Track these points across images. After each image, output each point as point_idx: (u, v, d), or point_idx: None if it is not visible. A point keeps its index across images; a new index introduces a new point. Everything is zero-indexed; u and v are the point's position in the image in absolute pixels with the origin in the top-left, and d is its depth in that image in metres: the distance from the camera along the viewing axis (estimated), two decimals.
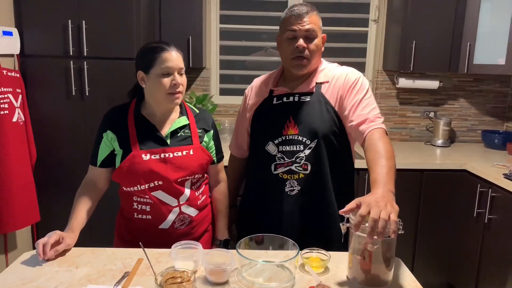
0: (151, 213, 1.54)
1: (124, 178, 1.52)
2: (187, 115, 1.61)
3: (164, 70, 1.46)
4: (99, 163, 1.55)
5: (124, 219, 1.62)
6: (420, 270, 2.74)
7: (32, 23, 2.49)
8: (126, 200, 1.58)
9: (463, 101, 3.34)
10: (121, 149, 1.51)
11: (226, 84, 3.29)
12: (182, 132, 1.57)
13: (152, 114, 1.55)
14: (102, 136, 1.53)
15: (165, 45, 1.50)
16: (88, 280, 1.25)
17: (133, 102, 1.58)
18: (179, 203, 1.55)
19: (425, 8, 2.85)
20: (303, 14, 1.52)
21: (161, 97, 1.49)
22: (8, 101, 2.31)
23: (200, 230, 1.63)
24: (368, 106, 1.53)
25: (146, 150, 1.50)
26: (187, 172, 1.53)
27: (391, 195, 1.22)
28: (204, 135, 1.62)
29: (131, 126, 1.52)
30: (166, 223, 1.54)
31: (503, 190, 2.35)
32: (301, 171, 1.56)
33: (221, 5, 3.18)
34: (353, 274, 1.25)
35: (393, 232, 1.09)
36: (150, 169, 1.48)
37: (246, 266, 1.27)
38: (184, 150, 1.54)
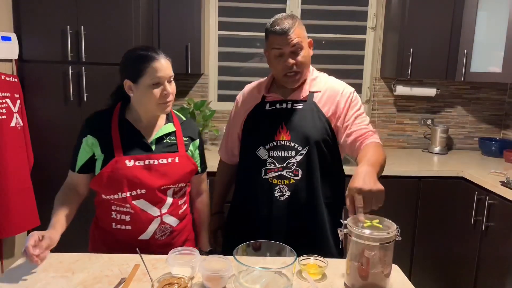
0: (131, 223, 1.48)
1: (104, 185, 1.46)
2: (173, 122, 1.57)
3: (154, 81, 1.41)
4: (78, 168, 1.50)
5: (100, 230, 1.56)
6: (417, 277, 2.73)
7: (31, 28, 2.49)
8: (103, 209, 1.52)
9: (460, 109, 3.36)
10: (102, 154, 1.46)
11: (224, 91, 3.30)
12: (168, 139, 1.53)
13: (138, 120, 1.51)
14: (82, 141, 1.48)
15: (154, 53, 1.43)
16: (84, 286, 1.24)
17: (117, 107, 1.53)
18: (161, 213, 1.50)
19: (422, 16, 2.87)
20: (286, 31, 1.52)
21: (151, 106, 1.46)
22: (6, 106, 2.31)
23: (180, 240, 1.60)
24: (364, 121, 1.60)
25: (130, 156, 1.45)
26: (172, 180, 1.50)
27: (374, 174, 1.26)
28: (190, 144, 1.59)
29: (114, 131, 1.48)
30: (147, 234, 1.49)
31: (500, 197, 2.35)
32: (292, 177, 1.57)
33: (220, 12, 3.19)
34: (350, 281, 1.24)
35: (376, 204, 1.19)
36: (134, 176, 1.44)
37: (244, 273, 1.26)
38: (169, 158, 1.50)
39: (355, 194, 1.19)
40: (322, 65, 3.05)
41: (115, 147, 1.45)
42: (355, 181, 1.20)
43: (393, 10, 3.08)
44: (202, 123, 3.03)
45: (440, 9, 2.87)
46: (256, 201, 1.62)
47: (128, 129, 1.49)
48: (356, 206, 1.19)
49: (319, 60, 3.11)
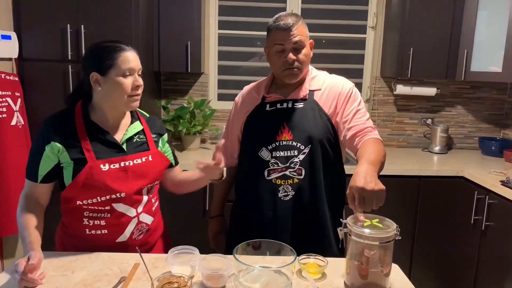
0: (106, 227, 1.43)
1: (81, 192, 1.38)
2: (139, 120, 1.53)
3: (126, 70, 1.36)
4: (40, 178, 1.39)
5: (70, 238, 1.48)
6: (417, 277, 2.73)
7: (31, 27, 2.49)
8: (73, 216, 1.44)
9: (460, 108, 3.36)
10: (72, 161, 1.37)
11: (224, 90, 3.29)
12: (137, 138, 1.48)
13: (104, 120, 1.44)
14: (44, 149, 1.37)
15: (123, 45, 1.39)
16: (84, 285, 1.24)
17: (77, 108, 1.44)
18: (137, 213, 1.46)
19: (422, 15, 2.87)
20: (289, 27, 1.53)
21: (120, 100, 1.39)
22: (6, 105, 2.31)
23: (155, 238, 1.59)
24: (364, 117, 1.58)
25: (104, 159, 1.38)
26: (149, 179, 1.46)
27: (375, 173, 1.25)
28: (159, 140, 1.56)
29: (81, 135, 1.38)
30: (125, 235, 1.45)
31: (500, 197, 2.35)
32: (295, 176, 1.57)
33: (220, 11, 3.19)
34: (350, 280, 1.24)
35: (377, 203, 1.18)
36: (111, 180, 1.38)
37: (243, 272, 1.26)
38: (143, 157, 1.46)
39: (356, 194, 1.18)
40: (322, 64, 3.06)
41: (85, 151, 1.37)
42: (356, 180, 1.19)
43: (393, 9, 3.08)
44: (202, 122, 3.03)
45: (440, 8, 2.87)
46: (260, 203, 1.61)
47: (96, 131, 1.42)
48: (357, 206, 1.18)
49: (319, 59, 3.11)
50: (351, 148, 1.56)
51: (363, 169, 1.24)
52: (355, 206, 1.19)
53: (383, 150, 1.45)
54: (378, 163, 1.34)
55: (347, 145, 1.60)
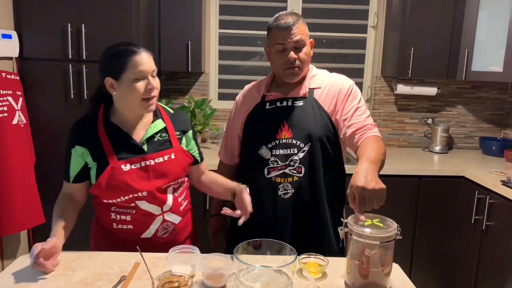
0: (132, 222, 1.47)
1: (104, 192, 1.42)
2: (162, 117, 1.52)
3: (137, 75, 1.36)
4: (72, 179, 1.47)
5: (102, 229, 1.54)
6: (417, 276, 2.73)
7: (31, 26, 2.49)
8: (103, 210, 1.50)
9: (461, 108, 3.35)
10: (95, 162, 1.41)
11: (224, 89, 3.29)
12: (159, 137, 1.48)
13: (124, 121, 1.45)
14: (71, 152, 1.44)
15: (134, 47, 1.39)
16: (85, 284, 1.24)
17: (100, 111, 1.47)
18: (163, 211, 1.48)
19: (423, 15, 2.87)
20: (290, 26, 1.53)
21: (135, 103, 1.39)
22: (7, 104, 2.31)
23: (182, 238, 1.59)
24: (364, 114, 1.58)
25: (125, 160, 1.41)
26: (171, 178, 1.47)
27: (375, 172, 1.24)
28: (183, 137, 1.55)
29: (103, 137, 1.42)
30: (149, 232, 1.48)
31: (500, 197, 2.35)
32: (295, 174, 1.57)
33: (221, 10, 3.19)
34: (351, 280, 1.24)
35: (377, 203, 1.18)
36: (133, 181, 1.40)
37: (244, 271, 1.26)
38: (165, 155, 1.46)
39: (356, 193, 1.17)
40: (323, 63, 3.06)
41: (107, 153, 1.40)
42: (357, 179, 1.18)
43: (394, 9, 3.08)
44: (203, 122, 3.03)
45: (441, 8, 2.86)
46: (260, 201, 1.61)
47: (116, 133, 1.44)
48: (357, 205, 1.18)
49: (320, 58, 3.11)
50: (351, 146, 1.56)
51: (363, 168, 1.23)
52: (356, 205, 1.18)
53: (383, 148, 1.44)
54: (379, 162, 1.34)
55: (347, 143, 1.59)
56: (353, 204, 1.19)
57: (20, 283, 1.24)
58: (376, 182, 1.18)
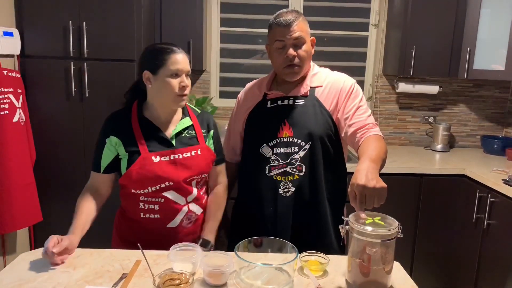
0: (159, 212, 1.53)
1: (134, 182, 1.49)
2: (189, 115, 1.62)
3: (174, 71, 1.46)
4: (103, 169, 1.54)
5: (127, 220, 1.60)
6: (418, 275, 2.73)
7: (33, 23, 2.49)
8: (130, 201, 1.56)
9: (463, 106, 3.35)
10: (127, 153, 1.50)
11: (226, 87, 3.29)
12: (186, 133, 1.58)
13: (156, 116, 1.55)
14: (105, 142, 1.51)
15: (174, 47, 1.50)
16: (86, 281, 1.24)
17: (134, 105, 1.57)
18: (187, 202, 1.56)
19: (425, 13, 2.86)
20: (289, 23, 1.53)
21: (168, 98, 1.50)
22: (8, 101, 2.31)
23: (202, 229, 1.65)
24: (365, 113, 1.58)
25: (156, 152, 1.49)
26: (196, 171, 1.55)
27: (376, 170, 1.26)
28: (207, 135, 1.64)
29: (136, 129, 1.51)
30: (175, 221, 1.55)
31: (502, 195, 2.35)
32: (296, 173, 1.57)
33: (222, 8, 3.19)
34: (352, 278, 1.24)
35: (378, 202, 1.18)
36: (162, 171, 1.48)
37: (245, 269, 1.26)
38: (192, 151, 1.55)
39: (357, 191, 1.17)
40: (324, 62, 3.05)
41: (139, 145, 1.49)
42: (358, 178, 1.19)
43: (396, 7, 3.07)
44: None
45: (443, 6, 2.85)
46: (261, 199, 1.62)
47: (148, 126, 1.53)
48: (358, 203, 1.18)
49: (321, 57, 3.11)
50: (353, 145, 1.56)
51: (364, 167, 1.24)
52: (357, 204, 1.18)
53: (384, 147, 1.44)
54: (380, 160, 1.34)
55: (348, 142, 1.60)
56: (354, 202, 1.19)
57: (21, 279, 1.24)
58: (377, 181, 1.18)
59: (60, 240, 1.34)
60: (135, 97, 1.59)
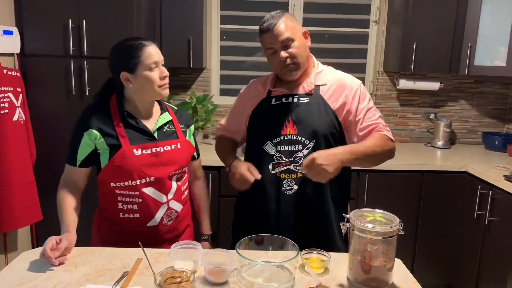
0: (139, 211, 1.52)
1: (114, 174, 1.48)
2: (168, 111, 1.63)
3: (151, 65, 1.46)
4: (79, 163, 1.52)
5: (106, 221, 1.58)
6: (420, 272, 2.73)
7: (33, 22, 2.49)
8: (109, 201, 1.54)
9: (464, 103, 3.34)
10: (108, 147, 1.48)
11: (226, 85, 3.29)
12: (167, 128, 1.59)
13: (136, 111, 1.55)
14: (83, 135, 1.48)
15: (143, 41, 1.49)
16: (87, 279, 1.25)
17: (112, 99, 1.55)
18: (168, 199, 1.55)
19: (426, 9, 2.85)
20: (272, 28, 1.55)
21: (152, 91, 1.49)
22: (8, 100, 2.31)
23: (183, 225, 1.66)
24: (375, 115, 1.61)
25: (137, 145, 1.49)
26: (177, 166, 1.55)
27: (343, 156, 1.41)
28: (187, 130, 1.66)
29: (116, 122, 1.50)
30: (155, 220, 1.53)
31: (503, 192, 2.34)
32: (299, 171, 1.57)
33: (222, 5, 3.18)
34: (353, 275, 1.24)
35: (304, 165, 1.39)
36: (143, 164, 1.48)
37: (246, 267, 1.26)
38: (172, 144, 1.55)
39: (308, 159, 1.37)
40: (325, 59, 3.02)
41: (120, 137, 1.48)
42: (321, 152, 1.39)
43: (396, 3, 3.06)
44: (204, 118, 3.02)
45: (443, 2, 2.84)
46: (264, 196, 1.62)
47: (130, 119, 1.52)
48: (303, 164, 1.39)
49: (322, 53, 3.10)
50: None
51: (335, 150, 1.42)
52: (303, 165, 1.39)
53: (380, 146, 1.48)
54: (360, 154, 1.45)
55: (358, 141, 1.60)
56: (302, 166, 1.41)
57: (23, 278, 1.24)
58: (329, 164, 1.35)
59: (58, 241, 1.34)
60: (111, 92, 1.57)
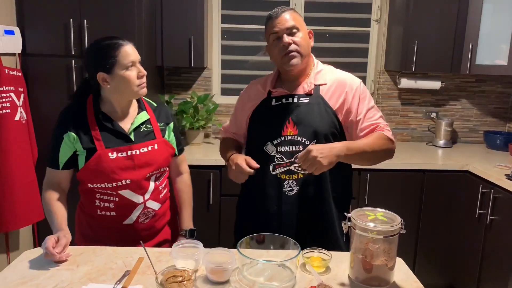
0: (115, 209, 1.53)
1: (90, 177, 1.49)
2: (146, 109, 1.60)
3: (128, 65, 1.45)
4: (62, 165, 1.50)
5: (86, 216, 1.60)
6: (421, 271, 2.73)
7: (34, 22, 2.49)
8: (87, 197, 1.55)
9: (465, 102, 3.34)
10: (84, 150, 1.47)
11: (227, 84, 3.29)
12: (144, 127, 1.56)
13: (112, 111, 1.53)
14: (63, 138, 1.47)
15: (119, 40, 1.47)
16: (89, 278, 1.25)
17: (89, 100, 1.53)
18: (144, 199, 1.54)
19: (427, 8, 2.84)
20: (279, 14, 1.54)
21: (130, 91, 1.48)
22: (10, 100, 2.31)
23: (162, 223, 1.66)
24: (375, 115, 1.60)
25: (112, 148, 1.47)
26: (154, 167, 1.54)
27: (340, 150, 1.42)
28: (166, 128, 1.63)
29: (92, 125, 1.48)
30: (131, 219, 1.54)
31: (505, 191, 2.34)
32: (300, 171, 1.56)
33: (223, 4, 3.18)
34: (354, 274, 1.24)
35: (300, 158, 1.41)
36: (118, 168, 1.47)
37: (247, 266, 1.27)
38: (149, 146, 1.54)
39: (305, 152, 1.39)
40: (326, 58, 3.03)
41: (95, 140, 1.47)
42: (317, 146, 1.41)
43: (397, 2, 3.06)
44: (205, 117, 3.02)
45: (445, 1, 2.84)
46: (265, 197, 1.61)
47: (106, 121, 1.50)
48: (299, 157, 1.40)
49: (323, 53, 3.10)
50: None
51: (332, 145, 1.45)
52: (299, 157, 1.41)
53: (379, 145, 1.48)
54: (356, 151, 1.46)
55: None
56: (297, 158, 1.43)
57: (25, 277, 1.25)
58: (325, 157, 1.37)
59: (57, 239, 1.35)
60: (88, 94, 1.54)
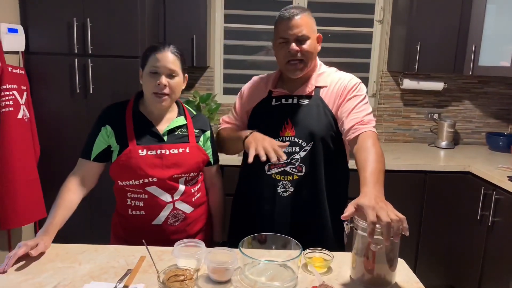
0: (144, 208, 1.53)
1: (119, 173, 1.51)
2: (185, 115, 1.63)
3: (152, 69, 1.48)
4: (93, 156, 1.53)
5: (119, 217, 1.62)
6: (422, 272, 2.71)
7: (37, 20, 2.50)
8: (120, 196, 1.58)
9: (468, 103, 3.33)
10: (118, 145, 1.51)
11: (229, 84, 3.29)
12: (179, 131, 1.58)
13: (150, 112, 1.57)
14: (100, 130, 1.53)
15: (162, 46, 1.50)
16: (91, 277, 1.25)
17: (131, 99, 1.59)
18: (173, 199, 1.54)
19: (430, 9, 2.84)
20: (292, 17, 1.51)
21: (147, 95, 1.52)
22: (13, 98, 2.32)
23: (195, 229, 1.63)
24: (364, 111, 1.55)
25: (143, 145, 1.50)
26: (182, 169, 1.54)
27: (382, 194, 1.25)
28: (201, 135, 1.64)
29: (128, 122, 1.53)
30: (159, 219, 1.53)
31: (507, 192, 2.34)
32: (295, 173, 1.56)
33: (226, 4, 3.18)
34: (356, 274, 1.24)
35: (406, 229, 1.12)
36: (146, 164, 1.49)
37: (249, 265, 1.27)
38: (180, 148, 1.54)
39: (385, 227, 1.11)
40: (328, 58, 3.04)
41: (129, 137, 1.50)
42: (370, 211, 1.13)
43: (400, 3, 3.05)
44: (208, 116, 3.03)
45: (448, 2, 2.83)
46: (259, 197, 1.62)
47: (141, 120, 1.55)
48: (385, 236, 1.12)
49: (325, 53, 3.08)
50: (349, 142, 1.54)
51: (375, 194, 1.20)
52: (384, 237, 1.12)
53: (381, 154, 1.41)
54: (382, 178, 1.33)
55: (345, 138, 1.57)
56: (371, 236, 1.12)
57: (27, 275, 1.25)
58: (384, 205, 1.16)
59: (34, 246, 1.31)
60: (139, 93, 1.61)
